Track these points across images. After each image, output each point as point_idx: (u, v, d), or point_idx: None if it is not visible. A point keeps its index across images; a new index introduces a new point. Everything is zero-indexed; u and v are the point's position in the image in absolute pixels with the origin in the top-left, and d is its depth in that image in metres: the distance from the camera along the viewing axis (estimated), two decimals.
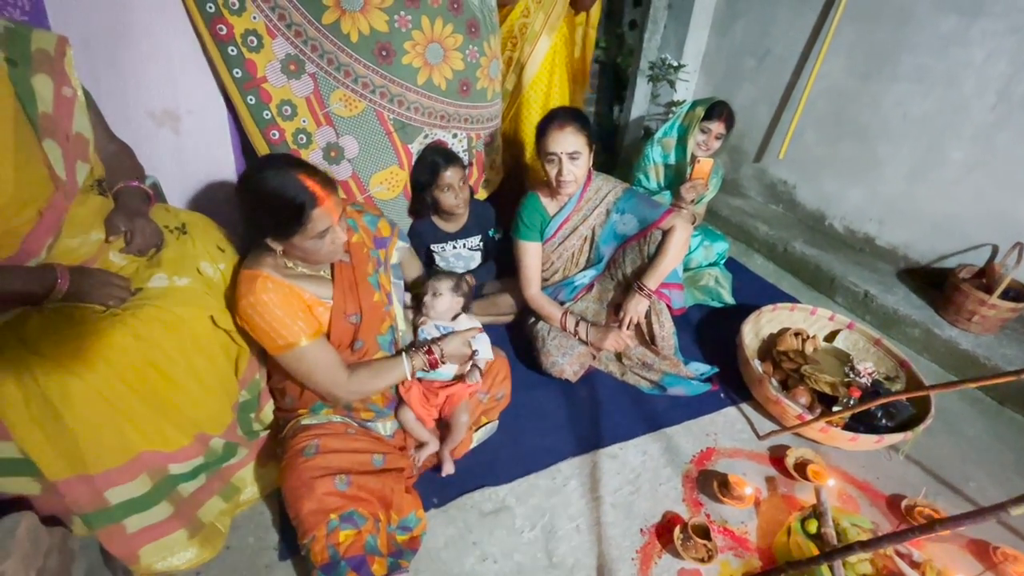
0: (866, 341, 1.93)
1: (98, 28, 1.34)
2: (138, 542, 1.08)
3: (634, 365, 1.86)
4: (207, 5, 1.43)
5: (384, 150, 1.73)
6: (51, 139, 1.09)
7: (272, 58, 1.53)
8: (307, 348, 1.20)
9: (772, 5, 2.68)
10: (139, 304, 1.08)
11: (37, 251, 1.04)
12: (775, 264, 2.70)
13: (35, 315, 0.97)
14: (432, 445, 1.45)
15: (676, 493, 1.46)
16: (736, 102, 2.90)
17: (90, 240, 1.13)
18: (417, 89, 1.69)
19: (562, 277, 1.92)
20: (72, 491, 0.99)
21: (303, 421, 1.31)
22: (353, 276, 1.33)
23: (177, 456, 1.12)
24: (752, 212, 2.91)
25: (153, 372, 1.03)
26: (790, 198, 2.82)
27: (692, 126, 2.25)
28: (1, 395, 0.90)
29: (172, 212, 1.33)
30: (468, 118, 1.89)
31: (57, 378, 0.91)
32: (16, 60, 1.05)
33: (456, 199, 1.86)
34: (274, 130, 1.61)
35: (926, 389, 1.32)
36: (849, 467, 1.57)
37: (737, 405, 1.78)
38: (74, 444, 0.95)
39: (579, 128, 1.63)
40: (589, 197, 1.80)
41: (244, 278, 1.18)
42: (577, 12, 2.27)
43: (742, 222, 2.87)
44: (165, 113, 1.53)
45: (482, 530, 1.33)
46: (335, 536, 1.10)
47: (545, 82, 2.26)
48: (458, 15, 1.69)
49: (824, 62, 2.46)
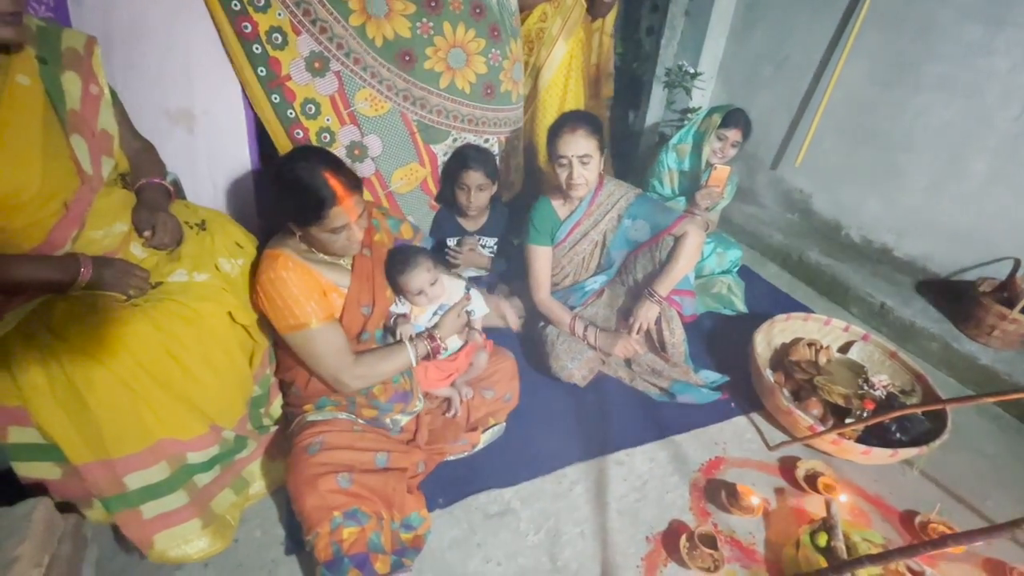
0: (881, 353, 1.90)
1: (117, 27, 1.38)
2: (153, 528, 1.10)
3: (643, 371, 1.85)
4: (232, 3, 1.44)
5: (406, 149, 1.76)
6: (78, 134, 1.13)
7: (296, 55, 1.54)
8: (317, 330, 1.24)
9: (791, 12, 2.66)
10: (160, 298, 1.11)
11: (63, 242, 1.07)
12: (789, 273, 2.67)
13: (60, 302, 1.00)
14: (454, 398, 1.55)
15: (683, 501, 1.44)
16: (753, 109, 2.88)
17: (113, 232, 1.16)
18: (440, 92, 1.72)
19: (572, 282, 1.92)
20: (93, 475, 1.01)
21: (309, 417, 1.32)
22: (372, 271, 1.37)
23: (194, 444, 1.14)
24: (767, 220, 2.89)
25: (172, 362, 1.06)
26: (806, 207, 2.79)
27: (708, 133, 2.24)
28: (27, 381, 0.93)
29: (192, 208, 1.36)
30: (496, 121, 1.91)
31: (82, 364, 0.94)
32: (47, 58, 1.09)
33: (468, 200, 1.88)
34: (298, 129, 1.63)
35: (942, 403, 1.29)
36: (861, 481, 1.55)
37: (747, 415, 1.76)
38: (96, 429, 0.98)
39: (590, 132, 1.64)
40: (600, 202, 1.80)
41: (266, 256, 1.24)
42: (594, 18, 2.27)
43: (756, 230, 2.85)
44: (180, 112, 1.56)
45: (487, 532, 1.33)
46: (338, 533, 1.11)
47: (561, 87, 2.27)
48: (480, 20, 1.71)
49: (844, 70, 2.43)
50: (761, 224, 2.87)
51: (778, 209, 2.94)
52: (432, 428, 1.51)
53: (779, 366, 1.88)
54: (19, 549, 0.84)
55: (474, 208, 1.92)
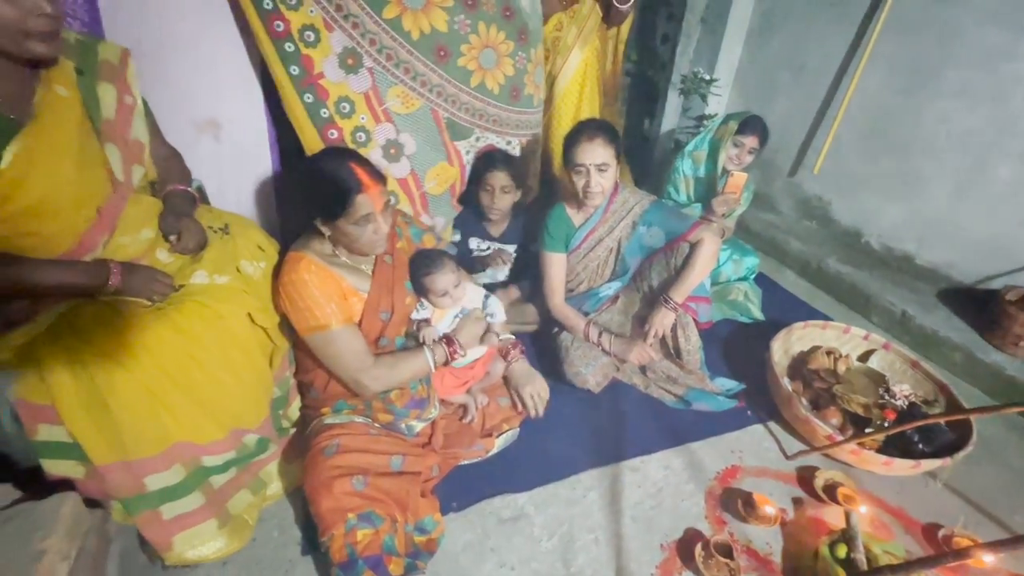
0: (903, 363, 1.86)
1: (148, 39, 1.43)
2: (172, 529, 1.12)
3: (658, 378, 1.85)
4: (264, 2, 1.45)
5: (436, 146, 1.76)
6: (112, 143, 1.17)
7: (329, 52, 1.54)
8: (337, 332, 1.26)
9: (808, 19, 2.64)
10: (181, 299, 1.14)
11: (93, 247, 1.11)
12: (808, 281, 2.64)
13: (88, 307, 1.04)
14: (470, 404, 1.56)
15: (698, 509, 1.43)
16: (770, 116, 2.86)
17: (140, 238, 1.20)
18: (470, 91, 1.72)
19: (587, 288, 1.92)
20: (114, 476, 1.04)
21: (326, 420, 1.34)
22: (392, 277, 1.39)
23: (209, 449, 1.16)
24: (784, 227, 2.86)
25: (193, 365, 1.08)
26: (824, 214, 2.75)
27: (724, 140, 2.23)
28: (56, 382, 0.96)
29: (215, 213, 1.40)
30: (519, 124, 1.92)
31: (105, 368, 0.97)
32: (84, 70, 1.13)
33: (491, 202, 1.90)
34: (332, 129, 1.62)
35: (966, 412, 1.27)
36: (883, 492, 1.51)
37: (764, 423, 1.74)
38: (117, 431, 1.00)
39: (608, 140, 1.65)
40: (615, 209, 1.81)
41: (289, 258, 1.27)
42: (609, 27, 2.29)
43: (774, 237, 2.82)
44: (207, 121, 1.61)
45: (500, 537, 1.33)
46: (353, 535, 1.13)
47: (576, 95, 2.28)
48: (510, 22, 1.73)
49: (862, 76, 2.41)
50: (779, 231, 2.84)
51: (796, 216, 2.91)
52: (447, 433, 1.52)
53: (797, 375, 1.85)
54: (47, 542, 0.87)
55: (496, 210, 1.93)
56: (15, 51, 0.95)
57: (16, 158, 0.97)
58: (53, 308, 1.01)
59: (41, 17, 0.93)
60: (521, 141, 1.97)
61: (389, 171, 1.70)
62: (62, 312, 1.02)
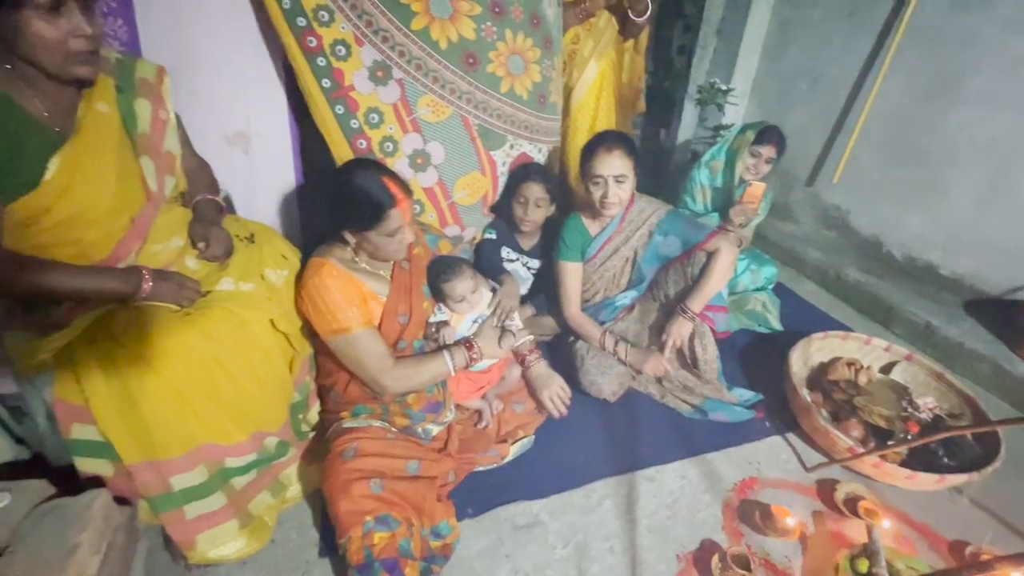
0: (927, 375, 1.83)
1: (183, 59, 1.49)
2: (195, 528, 1.16)
3: (675, 388, 1.84)
4: (297, 19, 1.50)
5: (468, 155, 1.78)
6: (147, 156, 1.23)
7: (359, 66, 1.58)
8: (359, 335, 1.30)
9: (826, 29, 2.64)
10: (208, 305, 1.18)
11: (126, 255, 1.16)
12: (827, 291, 2.60)
13: (122, 311, 1.08)
14: (485, 410, 1.57)
15: (715, 521, 1.41)
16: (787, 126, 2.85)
17: (171, 246, 1.25)
18: (500, 97, 1.75)
19: (603, 297, 1.93)
20: (142, 475, 1.08)
21: (345, 424, 1.37)
22: (409, 281, 1.43)
23: (232, 450, 1.19)
24: (803, 237, 2.83)
25: (218, 369, 1.12)
26: (844, 223, 2.72)
27: (741, 150, 2.23)
28: (90, 383, 1.01)
29: (242, 223, 1.45)
30: (548, 130, 1.95)
31: (137, 370, 1.01)
32: (123, 87, 1.19)
33: (524, 214, 1.90)
34: (361, 139, 1.66)
35: (993, 424, 1.24)
36: (906, 507, 1.48)
37: (783, 435, 1.72)
38: (146, 431, 1.04)
39: (626, 152, 1.66)
40: (632, 219, 1.82)
41: (312, 264, 1.32)
42: (625, 39, 2.32)
43: (792, 247, 2.79)
44: (237, 134, 1.67)
45: (515, 543, 1.33)
46: (370, 537, 1.14)
47: (592, 107, 2.31)
48: (537, 30, 1.76)
49: (882, 85, 2.39)
50: (797, 241, 2.81)
51: (814, 226, 2.88)
52: (463, 438, 1.54)
53: (816, 386, 1.83)
54: (81, 536, 0.91)
55: (529, 223, 1.93)
56: (58, 72, 1.00)
57: (59, 170, 1.03)
58: (90, 313, 1.06)
59: (81, 38, 0.99)
60: (550, 147, 2.00)
61: (416, 180, 1.73)
62: (98, 316, 1.06)
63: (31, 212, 1.02)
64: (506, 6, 1.67)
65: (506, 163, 1.88)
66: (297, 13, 1.49)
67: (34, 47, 0.95)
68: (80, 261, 1.09)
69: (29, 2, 0.90)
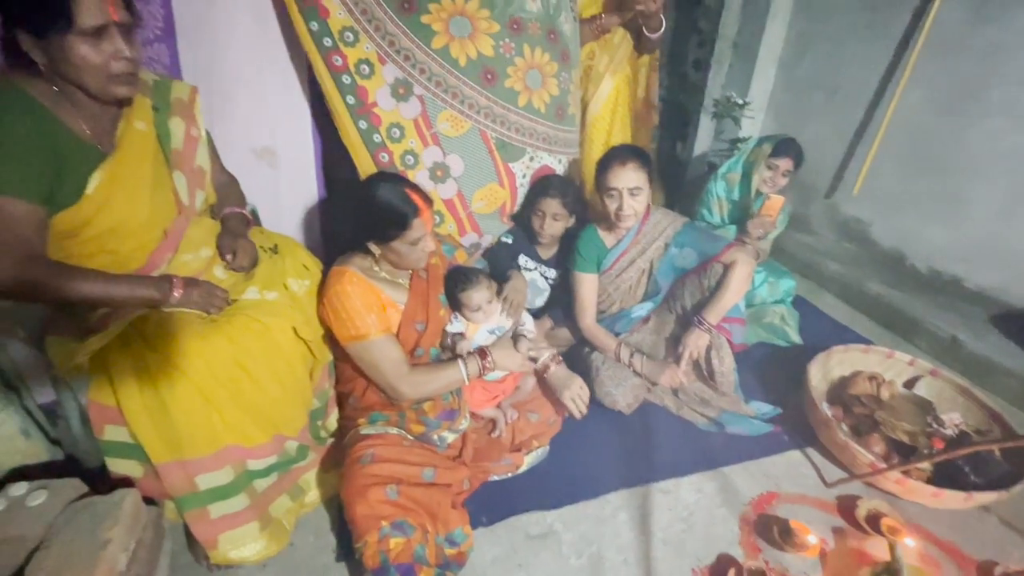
0: (952, 390, 1.78)
1: (218, 80, 1.58)
2: (218, 528, 1.19)
3: (691, 400, 1.83)
4: (324, 40, 1.58)
5: (486, 168, 1.82)
6: (179, 171, 1.29)
7: (382, 83, 1.65)
8: (376, 341, 1.33)
9: (843, 41, 2.64)
10: (234, 313, 1.23)
11: (159, 264, 1.22)
12: (848, 304, 2.56)
13: (154, 317, 1.13)
14: (500, 419, 1.59)
15: (732, 535, 1.40)
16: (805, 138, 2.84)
17: (200, 256, 1.31)
18: (518, 111, 1.79)
19: (619, 309, 1.94)
20: (169, 474, 1.12)
21: (362, 431, 1.39)
22: (427, 290, 1.46)
23: (255, 452, 1.23)
24: (822, 250, 2.80)
25: (242, 373, 1.16)
26: (864, 236, 2.68)
27: (758, 162, 2.23)
28: (123, 384, 1.06)
29: (266, 234, 1.51)
30: (566, 142, 1.98)
31: (167, 372, 1.06)
32: (159, 106, 1.27)
33: (542, 227, 1.92)
34: (383, 152, 1.73)
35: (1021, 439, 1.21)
36: (932, 526, 1.44)
37: (802, 449, 1.69)
38: (174, 431, 1.08)
39: (640, 165, 1.68)
40: (647, 231, 1.83)
41: (333, 272, 1.36)
42: (640, 55, 2.35)
43: (811, 260, 2.76)
44: (264, 150, 1.74)
45: (528, 552, 1.34)
46: (386, 542, 1.16)
47: (607, 121, 2.34)
48: (554, 45, 1.81)
49: (901, 96, 2.38)
50: (816, 254, 2.78)
51: (834, 238, 2.85)
52: (477, 447, 1.55)
53: (837, 400, 1.80)
54: (112, 532, 0.95)
55: (546, 236, 1.96)
56: (100, 92, 1.07)
57: (100, 185, 1.10)
58: (124, 318, 1.11)
59: (122, 60, 1.05)
60: (569, 158, 2.03)
61: (436, 192, 1.77)
62: (131, 322, 1.12)
63: (73, 224, 1.09)
64: (524, 23, 1.72)
65: (527, 175, 1.91)
66: (324, 34, 1.56)
67: (79, 69, 1.02)
68: (116, 270, 1.15)
69: (76, 28, 0.97)
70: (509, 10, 1.69)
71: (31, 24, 0.97)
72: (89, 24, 0.98)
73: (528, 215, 1.96)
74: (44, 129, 1.03)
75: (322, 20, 1.55)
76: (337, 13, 1.55)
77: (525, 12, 1.71)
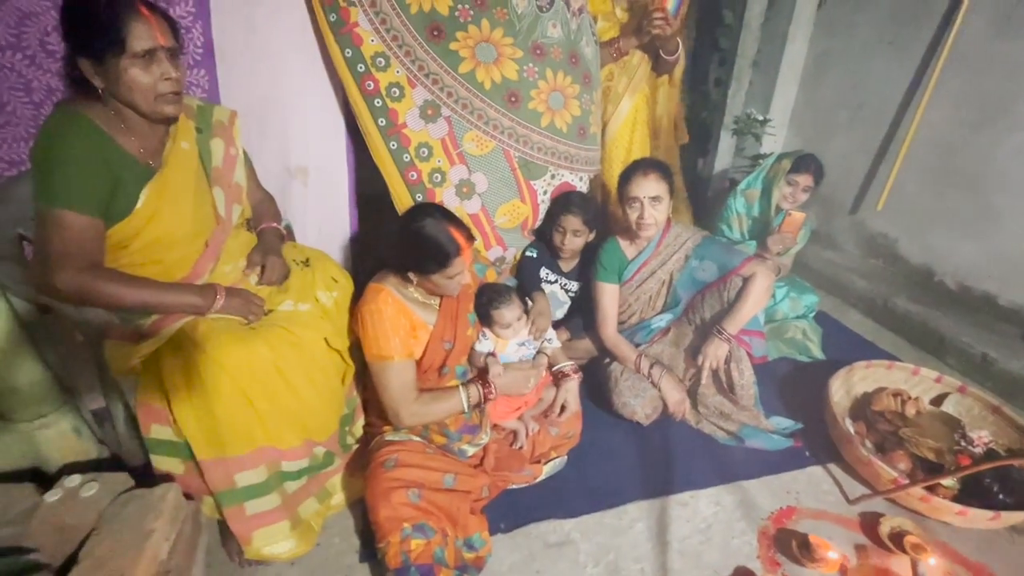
0: (982, 408, 1.75)
1: (255, 103, 1.68)
2: (253, 524, 1.25)
3: (710, 413, 1.83)
4: (358, 66, 1.68)
5: (508, 185, 1.89)
6: (218, 186, 1.39)
7: (412, 105, 1.74)
8: (395, 365, 1.38)
9: (865, 58, 2.64)
10: (271, 323, 1.31)
11: (202, 273, 1.31)
12: (874, 321, 2.53)
13: (201, 323, 1.22)
14: (521, 431, 1.60)
15: (750, 548, 1.39)
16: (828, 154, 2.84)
17: (238, 267, 1.40)
18: (540, 131, 1.86)
19: (639, 319, 1.96)
20: (211, 471, 1.19)
21: (387, 437, 1.45)
22: (456, 309, 1.50)
23: (289, 454, 1.30)
24: (847, 266, 2.77)
25: (280, 378, 1.23)
26: (891, 252, 2.65)
27: (778, 178, 2.24)
28: (173, 384, 1.14)
29: (299, 248, 1.59)
30: (587, 160, 2.04)
31: (212, 373, 1.13)
32: (202, 128, 1.37)
33: (562, 243, 1.97)
34: (412, 171, 1.81)
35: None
36: (960, 546, 1.41)
37: (824, 465, 1.67)
38: (216, 430, 1.16)
39: (661, 175, 1.73)
40: (668, 243, 1.86)
41: (371, 289, 1.42)
42: (659, 75, 2.40)
43: (836, 276, 2.73)
44: (298, 169, 1.84)
45: (545, 560, 1.36)
46: (407, 543, 1.20)
47: (627, 140, 2.38)
48: (575, 67, 1.88)
49: (926, 111, 2.37)
50: (841, 270, 2.75)
51: (860, 254, 2.82)
52: (498, 456, 1.58)
53: (860, 416, 1.78)
54: (156, 523, 1.01)
55: (567, 251, 2.00)
56: (149, 110, 1.17)
57: (148, 199, 1.19)
58: (174, 324, 1.20)
59: (168, 80, 1.15)
60: (590, 175, 2.09)
61: (462, 207, 1.85)
62: (182, 327, 1.20)
63: (125, 235, 1.18)
64: (546, 48, 1.80)
65: (548, 191, 1.97)
66: (358, 60, 1.66)
67: (131, 90, 1.12)
68: (164, 278, 1.24)
69: (128, 52, 1.08)
70: (532, 36, 1.77)
71: (91, 51, 1.09)
72: (139, 48, 1.09)
73: (549, 230, 2.01)
74: (102, 150, 1.14)
75: (355, 47, 1.65)
76: (370, 40, 1.65)
77: (547, 38, 1.79)
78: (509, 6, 1.71)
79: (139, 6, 1.09)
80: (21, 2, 1.32)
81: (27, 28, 1.35)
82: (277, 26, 1.66)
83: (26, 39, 1.35)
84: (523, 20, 1.74)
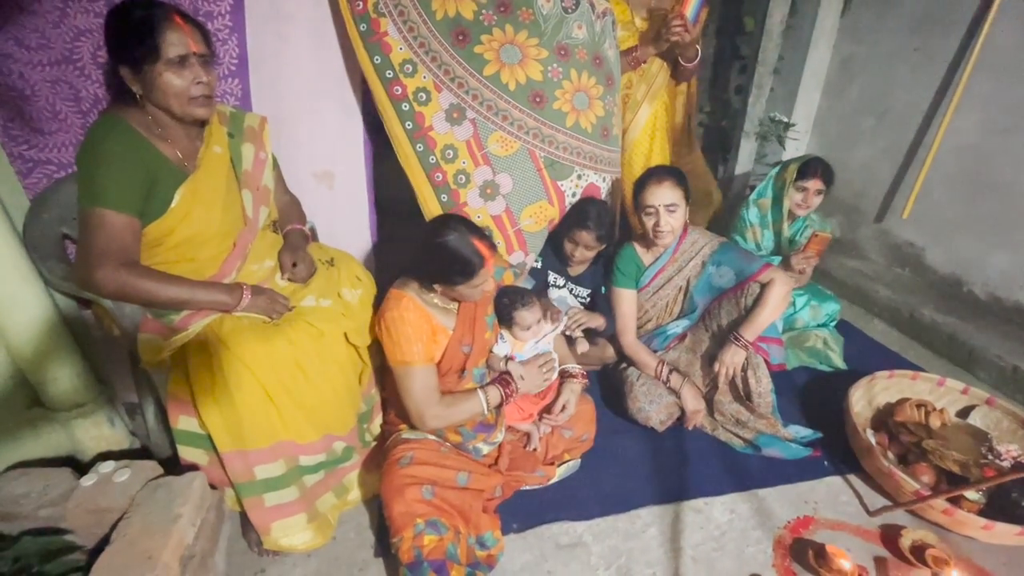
0: (1011, 421, 1.69)
1: (284, 110, 1.76)
2: (272, 516, 1.30)
3: (727, 421, 1.81)
4: (386, 72, 1.73)
5: (535, 186, 1.90)
6: (247, 189, 1.45)
7: (438, 109, 1.78)
8: (417, 369, 1.40)
9: (891, 65, 2.61)
10: (293, 318, 1.36)
11: (230, 272, 1.36)
12: (899, 331, 2.47)
13: (227, 319, 1.27)
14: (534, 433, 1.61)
15: (765, 557, 1.38)
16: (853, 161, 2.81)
17: (264, 267, 1.45)
18: (566, 131, 1.88)
19: (655, 326, 1.96)
20: (232, 463, 1.24)
21: (404, 435, 1.48)
22: (475, 312, 1.53)
23: (306, 449, 1.34)
24: (872, 275, 2.71)
25: (299, 373, 1.28)
26: (918, 261, 2.59)
27: (787, 186, 2.21)
28: (198, 377, 1.19)
29: (324, 249, 1.65)
30: (610, 161, 2.05)
31: (235, 368, 1.18)
32: (234, 133, 1.44)
33: (572, 253, 1.96)
34: (438, 172, 1.84)
35: None
36: (985, 562, 1.37)
37: (843, 475, 1.64)
38: (238, 424, 1.20)
39: (676, 183, 1.73)
40: (685, 249, 1.86)
41: (392, 295, 1.44)
42: (678, 83, 2.41)
43: (859, 285, 2.68)
44: (324, 173, 1.91)
45: (557, 561, 1.37)
46: (420, 539, 1.23)
47: (646, 146, 2.39)
48: (599, 69, 1.90)
49: (954, 118, 2.32)
50: (865, 279, 2.70)
51: (885, 263, 2.76)
52: (512, 457, 1.60)
53: (882, 427, 1.74)
54: (183, 508, 1.06)
55: (576, 261, 2.01)
56: (181, 113, 1.23)
57: (182, 199, 1.26)
58: (202, 320, 1.25)
59: (199, 84, 1.22)
60: (613, 177, 2.10)
61: (485, 208, 1.88)
62: (209, 323, 1.26)
63: (158, 234, 1.25)
64: (571, 49, 1.82)
65: (576, 192, 1.98)
66: (386, 67, 1.72)
67: (165, 94, 1.19)
68: (195, 276, 1.30)
69: (163, 58, 1.15)
70: (557, 37, 1.79)
71: (130, 59, 1.16)
72: (173, 54, 1.16)
73: (562, 236, 2.03)
74: (140, 152, 1.21)
75: (385, 55, 1.71)
76: (398, 48, 1.71)
77: (572, 39, 1.82)
78: (535, 7, 1.74)
79: (174, 16, 1.17)
80: (78, 20, 1.42)
81: (80, 43, 1.44)
82: (306, 38, 1.73)
83: (79, 53, 1.44)
84: (548, 21, 1.77)
